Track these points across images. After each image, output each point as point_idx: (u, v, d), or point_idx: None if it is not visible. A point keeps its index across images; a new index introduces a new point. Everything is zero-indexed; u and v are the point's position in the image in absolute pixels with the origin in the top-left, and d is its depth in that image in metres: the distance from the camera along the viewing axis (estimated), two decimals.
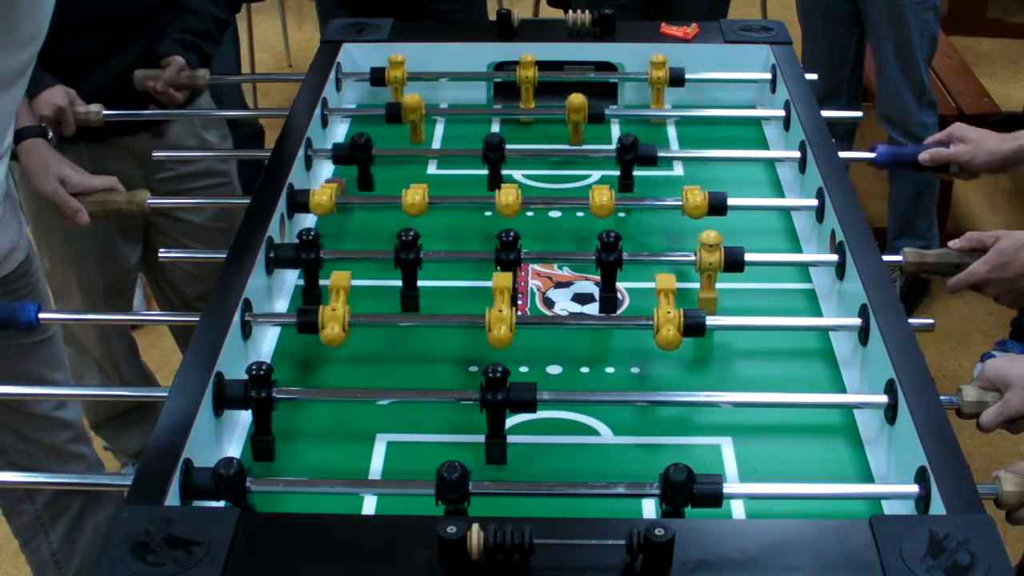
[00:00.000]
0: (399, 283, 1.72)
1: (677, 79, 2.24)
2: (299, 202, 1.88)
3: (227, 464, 1.31)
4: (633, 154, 1.97)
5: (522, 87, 2.24)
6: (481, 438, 1.50)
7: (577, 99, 2.11)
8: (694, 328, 1.57)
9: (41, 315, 1.65)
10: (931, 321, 1.68)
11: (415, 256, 1.69)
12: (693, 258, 1.72)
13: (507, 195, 1.85)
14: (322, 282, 1.71)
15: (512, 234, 1.70)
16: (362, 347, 1.69)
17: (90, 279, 2.42)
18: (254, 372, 1.45)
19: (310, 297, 1.73)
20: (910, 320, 1.56)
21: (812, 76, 2.26)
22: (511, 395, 1.42)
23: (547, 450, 1.50)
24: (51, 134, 2.05)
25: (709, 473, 1.31)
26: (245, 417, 1.55)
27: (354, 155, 1.98)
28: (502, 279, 1.62)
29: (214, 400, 1.45)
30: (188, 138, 2.39)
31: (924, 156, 1.96)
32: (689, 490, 1.28)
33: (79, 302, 2.45)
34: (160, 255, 1.94)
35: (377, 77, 2.26)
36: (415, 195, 1.85)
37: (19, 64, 1.64)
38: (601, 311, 1.73)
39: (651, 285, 1.62)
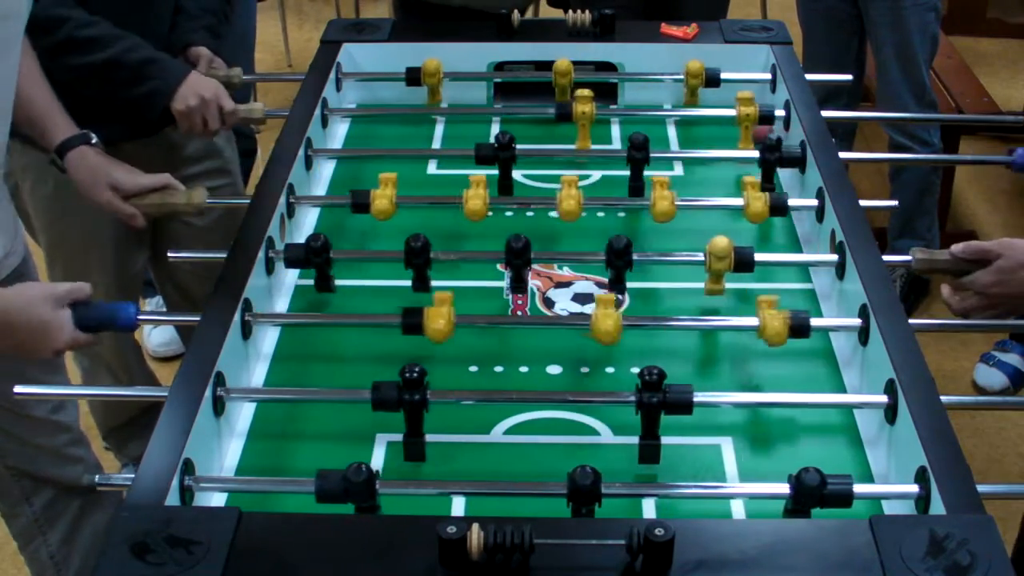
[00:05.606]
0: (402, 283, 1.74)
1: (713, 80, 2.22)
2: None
3: (357, 471, 1.30)
4: (777, 155, 1.97)
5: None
6: (480, 438, 1.51)
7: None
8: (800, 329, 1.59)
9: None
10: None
11: (424, 260, 1.71)
12: (701, 258, 1.71)
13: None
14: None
15: (522, 241, 1.70)
16: (363, 347, 1.69)
17: (104, 287, 2.40)
18: (407, 375, 1.44)
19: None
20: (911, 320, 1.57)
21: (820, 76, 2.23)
22: (668, 397, 1.42)
23: (547, 450, 1.50)
24: (94, 139, 1.94)
25: (839, 474, 1.31)
26: (245, 418, 1.55)
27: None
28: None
29: (372, 404, 1.44)
30: (195, 139, 2.32)
31: None
32: (820, 492, 1.29)
33: None
34: (169, 256, 1.91)
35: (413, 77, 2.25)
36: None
37: None
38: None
39: (650, 285, 1.60)
